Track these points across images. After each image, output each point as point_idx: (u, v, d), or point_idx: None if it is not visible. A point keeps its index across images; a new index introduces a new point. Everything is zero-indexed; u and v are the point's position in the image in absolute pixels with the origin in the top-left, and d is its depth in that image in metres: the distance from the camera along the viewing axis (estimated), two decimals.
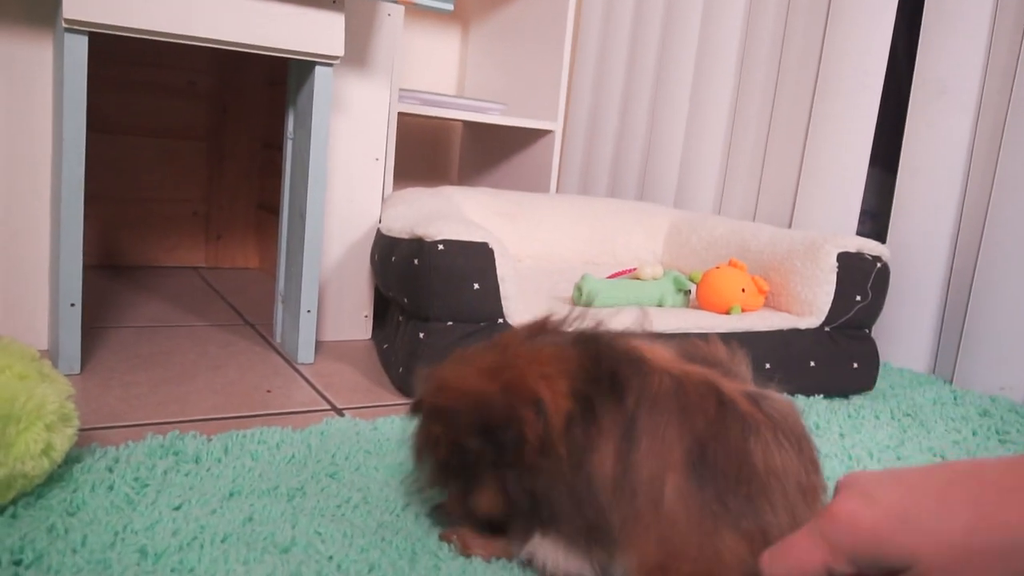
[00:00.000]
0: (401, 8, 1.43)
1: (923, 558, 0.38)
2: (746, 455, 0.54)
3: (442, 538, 0.71)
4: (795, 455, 0.55)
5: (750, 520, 0.52)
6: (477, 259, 1.13)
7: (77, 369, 1.12)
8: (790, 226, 1.66)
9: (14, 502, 0.70)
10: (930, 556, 0.38)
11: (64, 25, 1.02)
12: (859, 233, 1.60)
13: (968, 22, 1.39)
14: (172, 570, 0.62)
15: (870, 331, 1.34)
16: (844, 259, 1.28)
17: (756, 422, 0.56)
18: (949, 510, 0.38)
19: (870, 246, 1.31)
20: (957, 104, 1.42)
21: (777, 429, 0.56)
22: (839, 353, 1.29)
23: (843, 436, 1.09)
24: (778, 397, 0.60)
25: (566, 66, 1.88)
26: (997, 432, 1.17)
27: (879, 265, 1.30)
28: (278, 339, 1.38)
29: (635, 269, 1.43)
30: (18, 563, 0.62)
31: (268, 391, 1.13)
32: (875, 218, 1.70)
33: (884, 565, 0.41)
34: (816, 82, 1.60)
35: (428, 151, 2.25)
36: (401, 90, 1.64)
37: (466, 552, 0.68)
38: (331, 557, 0.66)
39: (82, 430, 0.84)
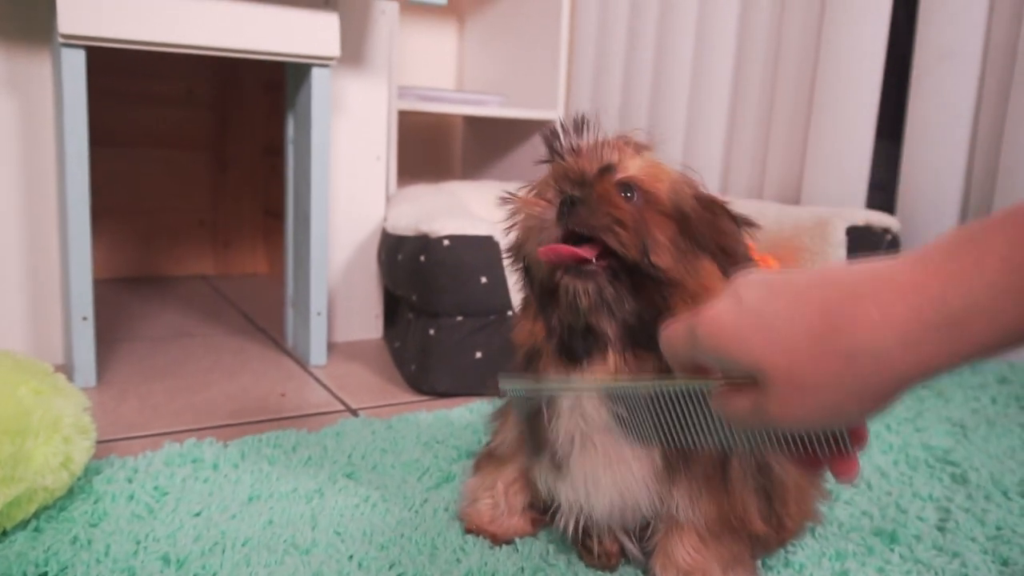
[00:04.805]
0: (395, 5, 1.42)
1: (767, 365, 0.36)
2: None
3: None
4: None
5: None
6: (483, 252, 1.13)
7: (93, 382, 1.12)
8: (798, 202, 1.65)
9: (36, 515, 0.70)
10: (774, 362, 0.36)
11: (61, 40, 1.02)
12: (869, 207, 1.59)
13: None
14: (195, 575, 0.63)
15: None
16: (853, 233, 1.27)
17: None
18: (800, 313, 0.36)
19: (879, 218, 1.30)
20: (960, 68, 1.40)
21: None
22: None
23: None
24: None
25: (564, 54, 1.87)
26: (1017, 399, 1.16)
27: (889, 237, 1.29)
28: (290, 343, 1.39)
29: None
30: (43, 575, 0.62)
31: (282, 395, 1.13)
32: (884, 190, 1.68)
33: (741, 369, 0.38)
34: (818, 52, 1.59)
35: (431, 147, 2.24)
36: (400, 87, 1.63)
37: None
38: (351, 556, 0.66)
39: (100, 442, 0.84)
